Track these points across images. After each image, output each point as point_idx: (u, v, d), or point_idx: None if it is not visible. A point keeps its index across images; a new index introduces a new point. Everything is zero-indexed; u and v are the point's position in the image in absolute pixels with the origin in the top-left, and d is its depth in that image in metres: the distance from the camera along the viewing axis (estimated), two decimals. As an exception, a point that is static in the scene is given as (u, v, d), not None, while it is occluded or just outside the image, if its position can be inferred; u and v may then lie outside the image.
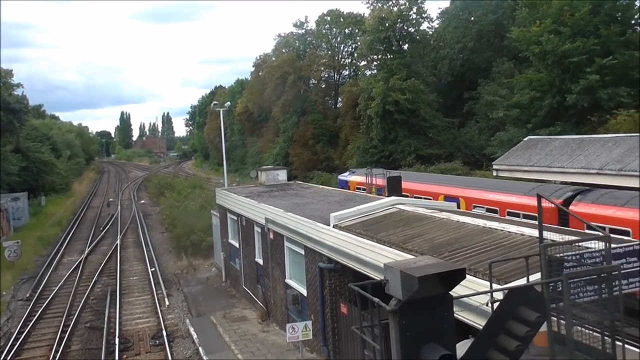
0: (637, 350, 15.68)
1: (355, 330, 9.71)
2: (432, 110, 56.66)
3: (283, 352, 19.89)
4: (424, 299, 7.82)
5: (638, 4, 41.01)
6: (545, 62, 40.67)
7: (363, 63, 70.01)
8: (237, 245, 28.24)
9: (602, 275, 9.66)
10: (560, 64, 39.23)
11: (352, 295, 16.30)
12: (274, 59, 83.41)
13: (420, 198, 25.45)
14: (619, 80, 37.60)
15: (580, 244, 10.76)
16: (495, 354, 8.54)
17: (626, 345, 15.20)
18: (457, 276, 7.98)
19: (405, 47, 60.72)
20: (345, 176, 40.23)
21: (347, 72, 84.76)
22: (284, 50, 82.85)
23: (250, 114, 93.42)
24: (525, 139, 35.28)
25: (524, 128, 41.90)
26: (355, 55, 74.79)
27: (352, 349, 16.52)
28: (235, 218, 28.10)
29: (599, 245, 10.22)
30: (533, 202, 19.58)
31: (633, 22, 41.02)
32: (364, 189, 33.73)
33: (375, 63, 63.24)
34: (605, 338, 9.67)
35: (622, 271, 10.91)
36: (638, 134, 29.33)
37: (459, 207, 23.30)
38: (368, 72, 65.99)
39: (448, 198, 26.11)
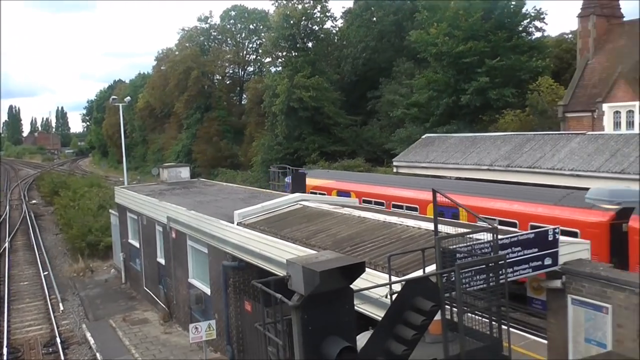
0: (522, 333, 16.88)
1: (258, 327, 9.72)
2: (336, 108, 57.61)
3: (187, 353, 19.50)
4: (325, 293, 7.97)
5: (525, 10, 44.07)
6: (441, 63, 42.63)
7: (268, 60, 69.89)
8: (137, 245, 27.29)
9: (490, 264, 10.31)
10: (455, 65, 41.29)
11: (256, 292, 16.28)
12: (177, 53, 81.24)
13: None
14: (507, 82, 40.22)
15: (471, 236, 11.40)
16: (393, 344, 8.87)
17: (511, 329, 16.29)
18: (357, 270, 8.21)
19: (310, 45, 61.29)
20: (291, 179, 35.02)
21: (252, 69, 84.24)
22: (187, 45, 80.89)
23: (152, 109, 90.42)
24: (424, 136, 36.82)
25: (422, 126, 43.70)
26: (260, 51, 74.54)
27: (257, 346, 16.50)
28: (136, 217, 27.14)
29: (488, 236, 10.89)
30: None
31: (520, 28, 43.96)
32: (323, 194, 28.89)
33: (280, 60, 63.34)
34: (493, 323, 10.35)
35: (508, 260, 11.70)
36: (523, 133, 31.51)
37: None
38: (273, 69, 65.96)
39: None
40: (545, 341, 14.19)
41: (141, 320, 23.63)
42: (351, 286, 8.39)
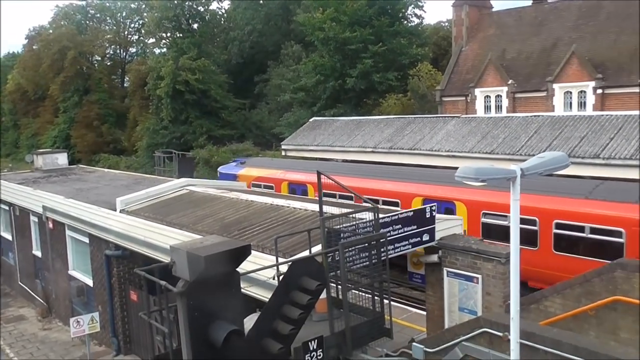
0: (404, 306, 17.80)
1: (142, 316, 9.49)
2: (224, 91, 56.74)
3: (68, 348, 18.56)
4: (211, 278, 7.94)
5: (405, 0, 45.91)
6: (328, 48, 43.31)
7: (151, 40, 67.11)
8: (9, 237, 25.40)
9: (372, 242, 10.78)
10: (341, 50, 42.15)
11: (142, 281, 15.82)
12: (51, 31, 75.66)
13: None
14: (389, 67, 41.76)
15: (355, 215, 11.82)
16: (280, 324, 9.05)
17: (394, 303, 17.14)
18: (243, 253, 8.26)
19: (195, 26, 59.68)
20: (230, 168, 30.17)
21: (134, 50, 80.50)
22: (62, 23, 75.56)
23: (24, 92, 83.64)
24: (311, 120, 37.34)
25: (310, 110, 44.28)
26: (143, 32, 71.38)
27: (144, 336, 16.08)
28: (7, 208, 25.21)
29: (370, 216, 11.34)
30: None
31: (400, 15, 45.70)
32: (270, 187, 26.00)
33: (164, 41, 61.12)
34: (376, 298, 10.86)
35: (389, 237, 12.27)
36: (405, 116, 32.95)
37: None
38: (157, 51, 63.55)
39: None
40: (424, 312, 15.07)
41: (16, 318, 22.12)
42: (237, 269, 8.43)
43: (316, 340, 9.31)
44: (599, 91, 27.08)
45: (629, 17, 28.46)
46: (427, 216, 13.36)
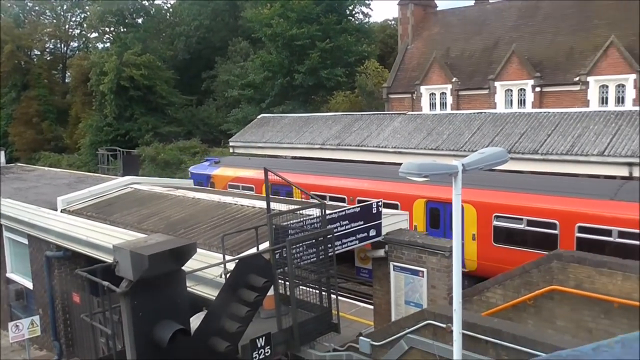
0: (352, 301, 17.99)
1: (85, 318, 9.26)
2: (170, 87, 55.72)
3: (7, 354, 17.87)
4: (156, 277, 7.82)
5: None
6: (276, 44, 43.19)
7: (94, 35, 65.16)
8: (-58, 240, 24.18)
9: (320, 238, 10.86)
10: (289, 47, 42.11)
11: (85, 282, 15.40)
12: (-16, 24, 72.30)
13: None
14: (337, 63, 42.03)
15: (302, 212, 11.87)
16: (227, 322, 9.01)
17: (342, 298, 17.31)
18: (188, 251, 8.17)
19: (140, 21, 58.30)
20: (202, 168, 28.07)
21: (76, 44, 77.83)
22: (-1, 16, 72.35)
23: (-45, 86, 79.81)
24: (259, 117, 37.16)
25: (258, 106, 44.07)
26: (85, 26, 69.15)
27: (87, 339, 15.66)
28: (-61, 209, 23.98)
29: (318, 212, 11.41)
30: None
31: (348, 12, 46.03)
32: (249, 189, 24.34)
33: (107, 36, 59.45)
34: (323, 294, 10.95)
35: (337, 233, 12.39)
36: (352, 113, 33.25)
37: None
38: (100, 45, 61.76)
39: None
40: (372, 307, 15.28)
41: (-50, 324, 21.11)
42: (183, 268, 8.34)
43: (264, 337, 9.31)
44: (538, 89, 28.09)
45: (564, 18, 29.61)
46: (374, 212, 13.54)
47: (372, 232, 13.53)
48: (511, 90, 29.42)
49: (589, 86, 26.04)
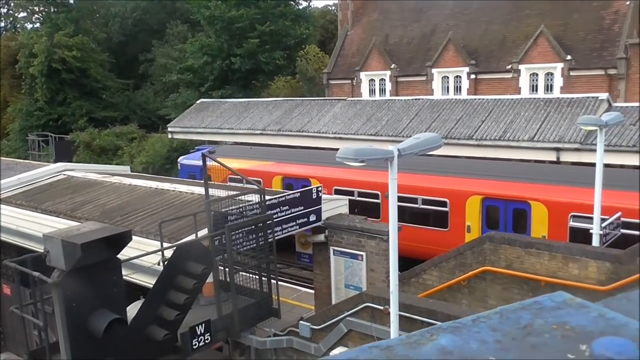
0: (294, 286, 18.10)
1: (15, 310, 8.94)
2: (105, 70, 53.80)
3: None
4: (89, 266, 7.63)
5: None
6: (214, 27, 42.44)
7: (22, 15, 61.99)
8: None
9: (259, 224, 10.86)
10: (228, 30, 41.48)
11: (14, 273, 14.81)
12: None
13: None
14: (276, 47, 41.77)
15: (242, 197, 11.82)
16: (165, 310, 8.91)
17: (284, 283, 17.37)
18: (123, 239, 8.00)
19: (72, 1, 55.87)
20: (195, 159, 24.37)
21: (3, 24, 73.81)
22: None
23: None
24: (198, 101, 36.52)
25: (197, 91, 43.28)
26: (12, 4, 65.64)
27: (19, 331, 15.10)
28: None
29: (257, 198, 11.39)
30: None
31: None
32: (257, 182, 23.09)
33: (36, 16, 56.68)
34: (263, 279, 10.99)
35: (277, 219, 12.41)
36: (293, 98, 33.19)
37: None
38: (29, 26, 58.83)
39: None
40: (313, 291, 15.43)
41: None
42: (118, 256, 8.17)
43: (203, 325, 9.27)
44: (473, 76, 28.88)
45: (498, 7, 30.50)
46: (314, 197, 13.64)
47: (312, 218, 13.64)
48: (448, 77, 30.13)
49: (521, 74, 27.01)
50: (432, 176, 17.97)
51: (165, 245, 10.19)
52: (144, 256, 9.53)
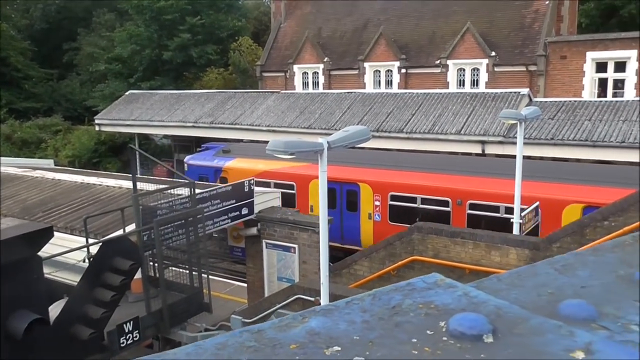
0: (227, 280, 17.98)
1: None
2: (26, 59, 51.21)
3: None
4: (7, 265, 7.30)
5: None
6: (143, 17, 41.26)
7: None
8: None
9: (190, 218, 10.70)
10: (157, 20, 40.44)
11: None
12: None
13: None
14: (208, 40, 41.10)
15: (172, 191, 11.60)
16: (91, 308, 8.64)
17: (217, 278, 17.22)
18: (44, 236, 7.69)
19: (-12, -16, 52.76)
20: (206, 159, 22.54)
21: None
22: None
23: None
24: (127, 93, 35.44)
25: (126, 82, 41.98)
26: None
27: None
28: None
29: (188, 191, 11.21)
30: None
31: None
32: (287, 187, 19.68)
33: (-53, 0, 53.08)
34: (194, 274, 10.85)
35: (208, 213, 12.27)
36: (226, 91, 32.80)
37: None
38: (-61, 10, 55.03)
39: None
40: (246, 285, 15.38)
41: None
42: (39, 254, 7.85)
43: (132, 322, 9.06)
44: (403, 71, 29.48)
45: (427, 3, 31.23)
46: (246, 190, 13.58)
47: (245, 211, 13.58)
48: (379, 71, 30.61)
49: (449, 69, 27.82)
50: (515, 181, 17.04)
51: (91, 241, 9.88)
52: (67, 253, 9.20)
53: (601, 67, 23.59)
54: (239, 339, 0.66)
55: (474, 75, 26.99)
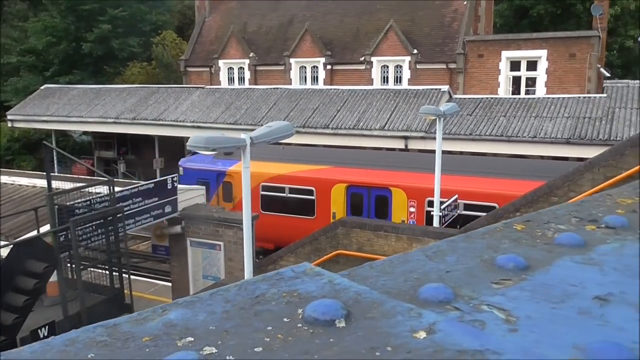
0: (152, 280, 17.57)
1: None
2: None
3: None
4: None
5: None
6: (59, 7, 39.42)
7: None
8: None
9: (109, 217, 10.36)
10: (75, 11, 38.75)
11: None
12: None
13: None
14: (130, 32, 39.81)
15: (91, 189, 11.19)
16: (2, 314, 8.21)
17: (141, 278, 16.79)
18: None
19: None
20: (205, 161, 20.04)
21: None
22: None
23: None
24: (43, 87, 33.79)
25: (42, 75, 39.98)
26: None
27: None
28: None
29: (107, 190, 10.84)
30: None
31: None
32: (306, 193, 18.26)
33: None
34: (115, 274, 10.53)
35: (130, 211, 11.92)
36: (149, 86, 31.92)
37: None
38: None
39: None
40: (170, 284, 15.09)
41: None
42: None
43: (47, 327, 8.69)
44: (329, 67, 29.72)
45: (351, 2, 31.61)
46: (169, 187, 13.31)
47: (168, 209, 13.31)
48: (305, 67, 30.70)
49: (373, 66, 28.29)
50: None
51: (2, 243, 9.38)
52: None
53: (515, 65, 24.75)
54: (90, 334, 0.66)
55: (397, 72, 27.61)
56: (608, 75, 25.33)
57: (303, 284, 0.76)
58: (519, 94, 24.21)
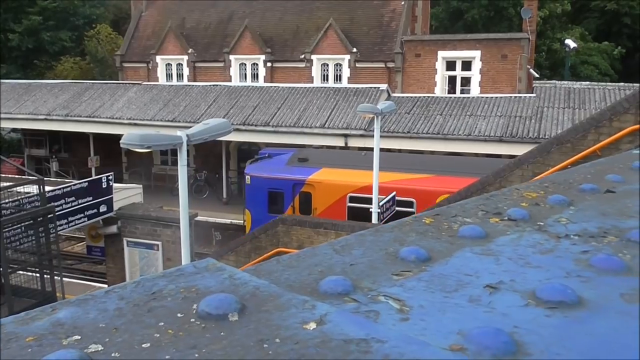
0: (86, 282, 17.02)
1: None
2: None
3: None
4: None
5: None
6: (-18, -2, 37.57)
7: None
8: None
9: (39, 218, 9.98)
10: (2, 3, 36.99)
11: None
12: None
13: None
14: (62, 25, 38.38)
15: (19, 189, 10.73)
16: None
17: (75, 280, 16.25)
18: None
19: None
20: (277, 168, 18.25)
21: None
22: None
23: None
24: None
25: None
26: None
27: None
28: None
29: (36, 189, 10.43)
30: None
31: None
32: (405, 204, 15.71)
33: None
34: (46, 277, 10.15)
35: (62, 211, 11.51)
36: (82, 81, 30.86)
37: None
38: None
39: None
40: (106, 286, 14.65)
41: None
42: None
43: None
44: (269, 64, 29.61)
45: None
46: (104, 186, 12.96)
47: (103, 208, 12.97)
48: (245, 64, 30.46)
49: (313, 64, 28.40)
50: None
51: None
52: None
53: (450, 65, 25.42)
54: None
55: (337, 70, 27.84)
56: (537, 75, 26.44)
57: (203, 280, 0.76)
58: (454, 93, 24.89)
